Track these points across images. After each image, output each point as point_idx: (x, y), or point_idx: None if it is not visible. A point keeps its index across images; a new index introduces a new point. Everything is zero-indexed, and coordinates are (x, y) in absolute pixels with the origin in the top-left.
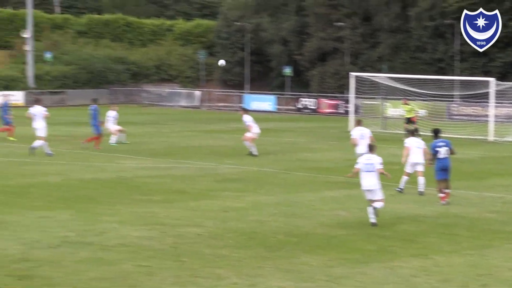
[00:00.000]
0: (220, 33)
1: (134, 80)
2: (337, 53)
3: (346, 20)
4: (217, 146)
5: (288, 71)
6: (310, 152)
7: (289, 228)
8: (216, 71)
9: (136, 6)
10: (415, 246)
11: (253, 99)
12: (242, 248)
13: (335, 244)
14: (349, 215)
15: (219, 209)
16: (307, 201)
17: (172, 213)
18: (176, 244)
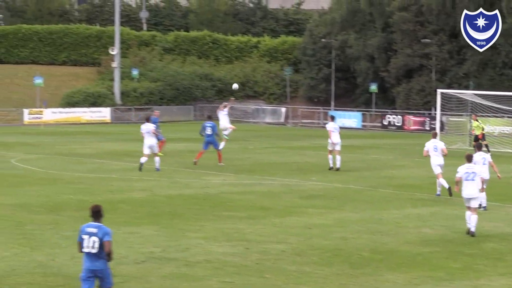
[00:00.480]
0: (306, 49)
1: (220, 97)
2: (424, 70)
3: (433, 37)
4: (302, 163)
5: (374, 87)
6: (395, 169)
7: (374, 245)
8: (302, 88)
9: (223, 23)
10: (503, 264)
11: (339, 115)
12: (326, 265)
13: (420, 262)
14: (433, 232)
15: (303, 225)
16: (392, 218)
17: (256, 229)
18: (260, 260)
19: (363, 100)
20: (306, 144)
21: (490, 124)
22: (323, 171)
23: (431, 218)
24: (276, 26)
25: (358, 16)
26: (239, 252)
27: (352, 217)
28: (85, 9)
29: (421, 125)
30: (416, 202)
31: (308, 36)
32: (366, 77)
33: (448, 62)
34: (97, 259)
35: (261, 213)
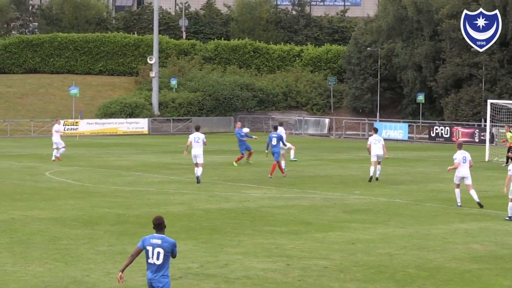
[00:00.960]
0: (351, 58)
1: (261, 107)
2: (473, 80)
3: None
4: (346, 176)
5: (421, 98)
6: (442, 183)
7: (420, 262)
8: (346, 98)
9: (265, 31)
10: None
11: (384, 127)
12: (370, 282)
13: (468, 279)
14: (483, 248)
15: (347, 241)
16: (439, 234)
17: (297, 244)
18: (302, 277)
19: (410, 111)
20: (350, 157)
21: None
22: (367, 185)
23: (480, 234)
24: (320, 34)
25: (405, 24)
26: (280, 268)
27: (397, 233)
28: (122, 17)
29: (470, 137)
30: (464, 217)
31: (353, 44)
32: (413, 87)
33: (498, 72)
34: (160, 270)
35: (303, 228)
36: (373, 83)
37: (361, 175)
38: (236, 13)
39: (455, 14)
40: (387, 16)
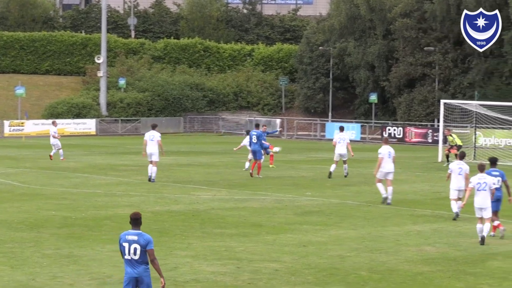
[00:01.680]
0: (303, 58)
1: (211, 108)
2: (426, 79)
3: (437, 45)
4: (297, 177)
5: (374, 98)
6: (395, 184)
7: (372, 264)
8: (298, 98)
9: (215, 30)
10: (507, 284)
11: (337, 127)
12: (322, 285)
13: (421, 282)
14: (435, 250)
15: (298, 243)
16: (392, 236)
17: (248, 247)
18: (252, 280)
19: (362, 111)
20: (301, 158)
21: (496, 137)
22: (319, 186)
23: (432, 235)
24: (271, 33)
25: (358, 23)
26: (230, 271)
27: (349, 234)
28: (70, 15)
29: (423, 137)
30: (417, 219)
31: (305, 43)
32: (365, 87)
33: (452, 71)
34: (139, 265)
35: (253, 230)
36: (325, 83)
37: (313, 176)
38: (186, 12)
39: (408, 13)
40: (339, 15)
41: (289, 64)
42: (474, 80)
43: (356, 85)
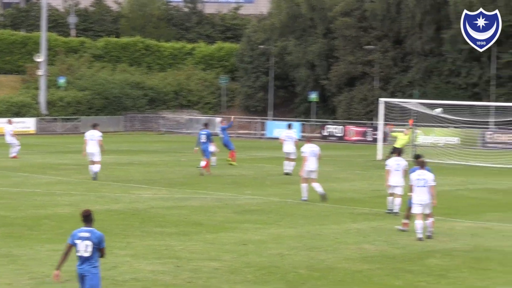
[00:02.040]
0: (243, 56)
1: (152, 106)
2: (366, 78)
3: (377, 43)
4: (237, 176)
5: (314, 96)
6: (335, 182)
7: (312, 262)
8: (238, 97)
9: (156, 28)
10: (445, 281)
11: (276, 126)
12: (261, 283)
13: (360, 280)
14: (374, 248)
15: (238, 242)
16: (331, 234)
17: (188, 246)
18: (192, 278)
19: (303, 110)
20: (242, 156)
21: (435, 135)
22: (259, 185)
23: (371, 233)
24: (212, 31)
25: (299, 22)
26: (170, 270)
27: (288, 233)
28: (9, 14)
29: (362, 136)
30: (356, 217)
31: (246, 42)
32: (305, 86)
33: (392, 70)
34: (87, 263)
35: (193, 229)
36: (265, 82)
37: (253, 175)
38: (127, 10)
39: (348, 11)
40: (280, 14)
41: (229, 62)
42: (414, 78)
43: (297, 84)
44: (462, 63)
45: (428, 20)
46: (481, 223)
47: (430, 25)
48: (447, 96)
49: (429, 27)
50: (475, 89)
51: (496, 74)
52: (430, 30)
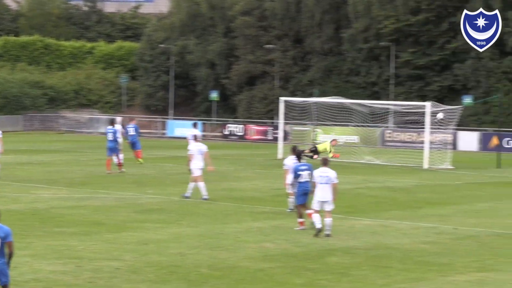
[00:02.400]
0: (143, 55)
1: (51, 106)
2: (266, 77)
3: (277, 42)
4: (139, 175)
5: (215, 95)
6: (236, 181)
7: (213, 261)
8: (139, 96)
9: (55, 27)
10: (346, 279)
11: (177, 125)
12: (163, 283)
13: (261, 278)
14: (275, 247)
15: (139, 241)
16: (232, 233)
17: (88, 246)
18: (93, 278)
19: (203, 109)
20: (143, 156)
21: (335, 134)
22: (160, 184)
23: (273, 232)
24: (112, 30)
25: (199, 21)
26: (70, 270)
27: (190, 232)
28: None
29: (263, 135)
30: (257, 216)
31: (146, 41)
32: (206, 85)
33: (291, 69)
34: None
35: (94, 229)
36: (166, 81)
37: (154, 174)
38: (26, 9)
39: (248, 11)
40: (180, 13)
41: (130, 62)
42: (314, 77)
43: (197, 83)
44: (361, 62)
45: (327, 20)
46: (381, 221)
47: (329, 24)
48: (347, 95)
49: (328, 27)
50: (374, 88)
51: (395, 73)
52: (329, 30)
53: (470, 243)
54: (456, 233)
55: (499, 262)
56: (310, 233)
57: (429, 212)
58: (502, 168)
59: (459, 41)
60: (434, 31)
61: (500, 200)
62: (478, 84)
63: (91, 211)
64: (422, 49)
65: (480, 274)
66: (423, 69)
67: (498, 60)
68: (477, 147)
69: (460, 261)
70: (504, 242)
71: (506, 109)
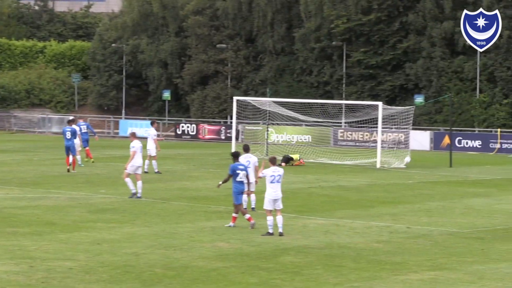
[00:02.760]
0: (96, 55)
1: (3, 105)
2: (219, 76)
3: (229, 42)
4: (91, 175)
5: (167, 95)
6: (189, 181)
7: (167, 261)
8: (91, 96)
9: (6, 26)
10: (299, 278)
11: (130, 124)
12: (116, 283)
13: (215, 278)
14: (229, 246)
15: (92, 241)
16: (186, 232)
17: (41, 246)
18: (46, 279)
19: (156, 108)
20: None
21: (287, 133)
22: (113, 184)
23: (226, 232)
24: (64, 30)
25: (151, 20)
26: (23, 271)
27: (143, 232)
28: None
29: (216, 134)
30: (210, 215)
31: (98, 40)
32: (159, 84)
33: (244, 68)
34: None
35: (47, 229)
36: (118, 80)
37: (107, 174)
38: None
39: (200, 10)
40: (132, 12)
41: (82, 61)
42: (266, 77)
43: (150, 82)
44: (313, 61)
45: (279, 19)
46: (334, 220)
47: (281, 24)
48: (299, 94)
49: (280, 26)
50: (326, 88)
51: (347, 73)
52: (281, 29)
53: (422, 242)
54: (408, 232)
55: (451, 261)
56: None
57: (382, 211)
58: (454, 167)
59: (410, 40)
60: (386, 30)
61: (452, 199)
62: (430, 83)
63: (44, 211)
64: (374, 49)
65: (432, 273)
66: (375, 68)
67: (449, 59)
68: (429, 146)
69: (413, 260)
70: (456, 241)
71: (457, 109)
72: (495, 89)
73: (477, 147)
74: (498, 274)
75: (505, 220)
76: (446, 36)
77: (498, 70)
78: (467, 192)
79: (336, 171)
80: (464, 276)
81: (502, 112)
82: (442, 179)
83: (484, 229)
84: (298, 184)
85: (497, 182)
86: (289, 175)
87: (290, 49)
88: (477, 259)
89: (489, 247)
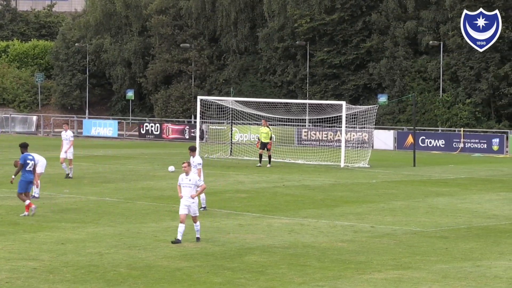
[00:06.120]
0: (59, 54)
1: None
2: (183, 76)
3: (192, 41)
4: (54, 174)
5: (131, 94)
6: (153, 180)
7: (131, 261)
8: (55, 95)
9: None
10: (264, 278)
11: (94, 124)
12: (81, 283)
13: (180, 277)
14: (193, 246)
15: (56, 241)
16: (150, 232)
17: (5, 246)
18: (10, 279)
19: (120, 108)
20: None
21: (251, 132)
22: (77, 183)
23: (191, 231)
24: (27, 29)
25: (114, 19)
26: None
27: (107, 231)
28: None
29: (180, 134)
30: (175, 215)
31: (61, 40)
32: (122, 84)
33: (208, 68)
34: None
35: (10, 229)
36: (81, 80)
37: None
38: None
39: (163, 9)
40: (95, 11)
41: (45, 60)
42: (230, 76)
43: (113, 82)
44: (277, 61)
45: (243, 19)
46: (298, 219)
47: (245, 23)
48: (263, 94)
49: (244, 26)
50: (290, 87)
51: (311, 72)
52: (245, 29)
53: (386, 241)
54: (373, 231)
55: (415, 260)
56: (227, 232)
57: (346, 210)
58: (418, 166)
59: (374, 40)
60: (349, 30)
61: (416, 198)
62: (393, 83)
63: (7, 211)
64: (337, 48)
65: (396, 272)
66: (338, 68)
67: (412, 59)
68: (393, 145)
69: (377, 259)
70: (420, 240)
71: (420, 108)
72: (458, 89)
73: (441, 146)
74: (462, 273)
75: (468, 219)
76: (409, 36)
77: (461, 70)
78: (431, 191)
79: (300, 170)
80: (428, 275)
81: (465, 111)
82: (406, 178)
83: (448, 228)
84: (262, 183)
85: (460, 181)
86: (253, 175)
87: (253, 48)
88: (441, 258)
89: (453, 246)
